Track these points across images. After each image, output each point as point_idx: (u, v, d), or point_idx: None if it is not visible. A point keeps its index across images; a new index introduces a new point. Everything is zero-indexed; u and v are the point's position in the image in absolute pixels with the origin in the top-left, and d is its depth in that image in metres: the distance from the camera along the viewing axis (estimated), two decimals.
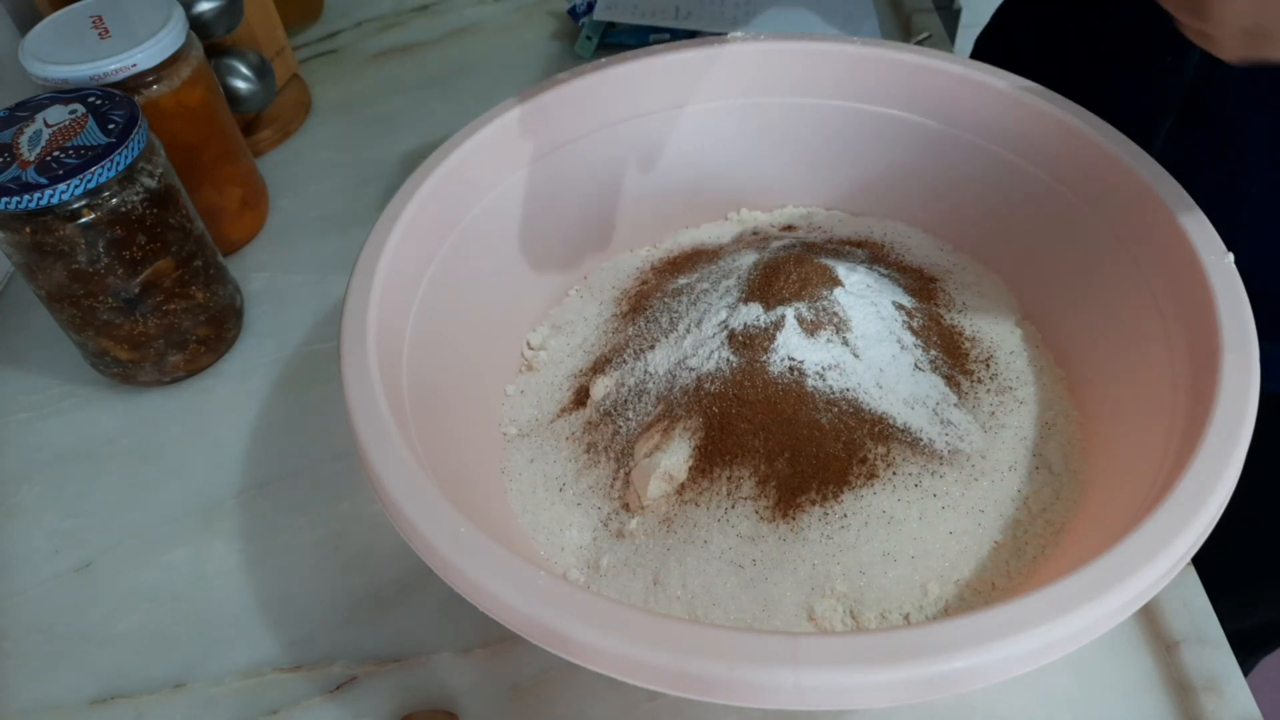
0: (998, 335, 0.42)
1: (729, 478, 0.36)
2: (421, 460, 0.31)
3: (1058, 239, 0.42)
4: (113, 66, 0.47)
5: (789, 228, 0.50)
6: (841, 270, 0.40)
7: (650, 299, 0.44)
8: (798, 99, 0.47)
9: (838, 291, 0.39)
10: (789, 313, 0.38)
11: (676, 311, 0.42)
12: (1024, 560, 0.35)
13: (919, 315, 0.41)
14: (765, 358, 0.38)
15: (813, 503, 0.35)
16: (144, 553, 0.44)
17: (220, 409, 0.50)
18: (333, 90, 0.72)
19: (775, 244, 0.45)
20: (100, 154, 0.42)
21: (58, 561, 0.44)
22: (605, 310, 0.46)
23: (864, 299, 0.39)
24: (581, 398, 0.42)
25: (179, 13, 0.50)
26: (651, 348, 0.41)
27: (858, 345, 0.38)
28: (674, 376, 0.39)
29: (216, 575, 0.43)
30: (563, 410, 0.42)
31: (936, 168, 0.47)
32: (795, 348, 0.37)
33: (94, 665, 0.40)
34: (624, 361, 0.41)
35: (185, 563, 0.44)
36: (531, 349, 0.46)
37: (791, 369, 0.37)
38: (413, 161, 0.41)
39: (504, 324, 0.45)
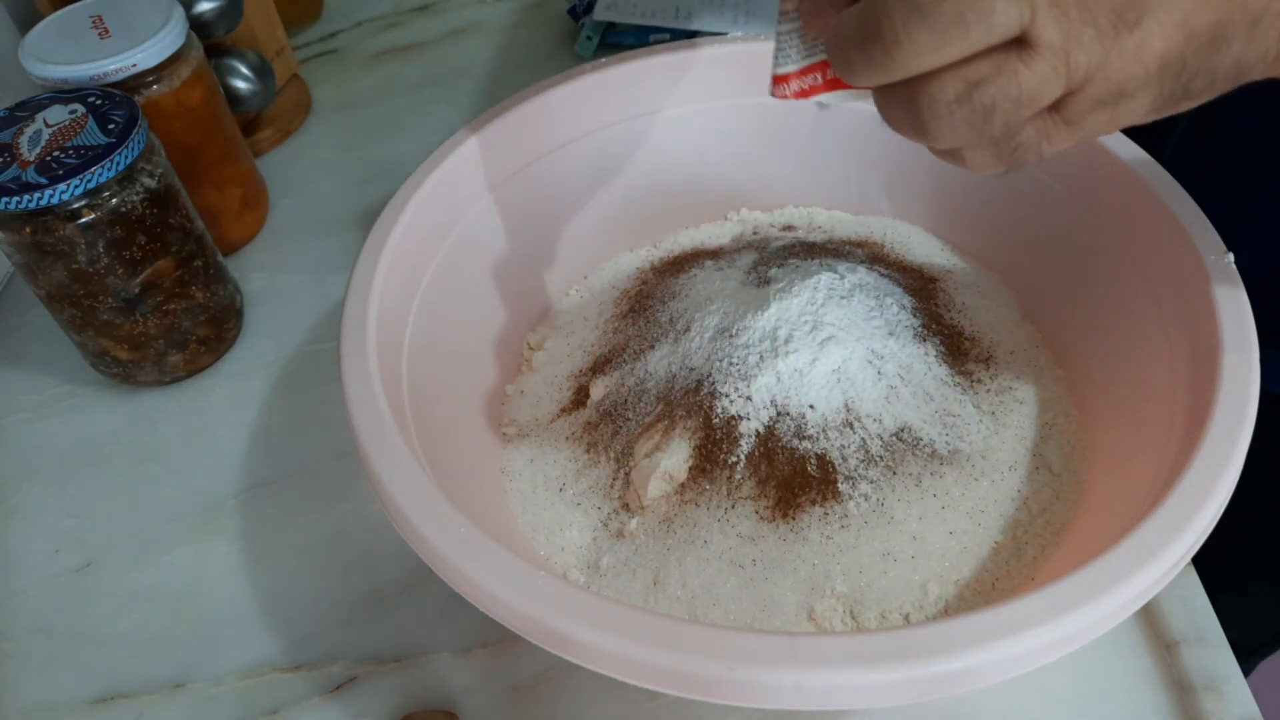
0: (998, 335, 0.42)
1: (729, 478, 0.36)
2: (421, 460, 0.31)
3: (1058, 239, 0.42)
4: (113, 66, 0.47)
5: (789, 228, 0.50)
6: (842, 269, 0.40)
7: (650, 299, 0.44)
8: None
9: (840, 290, 0.39)
10: (790, 312, 0.38)
11: (676, 311, 0.42)
12: (1024, 560, 0.35)
13: (919, 315, 0.41)
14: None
15: (813, 502, 0.35)
16: (144, 553, 0.44)
17: (220, 409, 0.50)
18: (333, 90, 0.72)
19: (775, 244, 0.45)
20: (100, 154, 0.42)
21: (58, 561, 0.44)
22: (605, 310, 0.46)
23: (866, 298, 0.39)
24: (581, 398, 0.42)
25: (179, 13, 0.50)
26: (651, 348, 0.41)
27: (858, 345, 0.38)
28: (674, 376, 0.39)
29: (216, 575, 0.43)
30: (563, 410, 0.42)
31: (936, 168, 0.46)
32: (796, 347, 0.37)
33: (94, 665, 0.40)
34: (624, 361, 0.41)
35: (185, 563, 0.44)
36: (531, 349, 0.46)
37: (793, 368, 0.37)
38: (413, 161, 0.41)
39: (504, 324, 0.45)
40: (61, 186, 0.41)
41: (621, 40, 0.72)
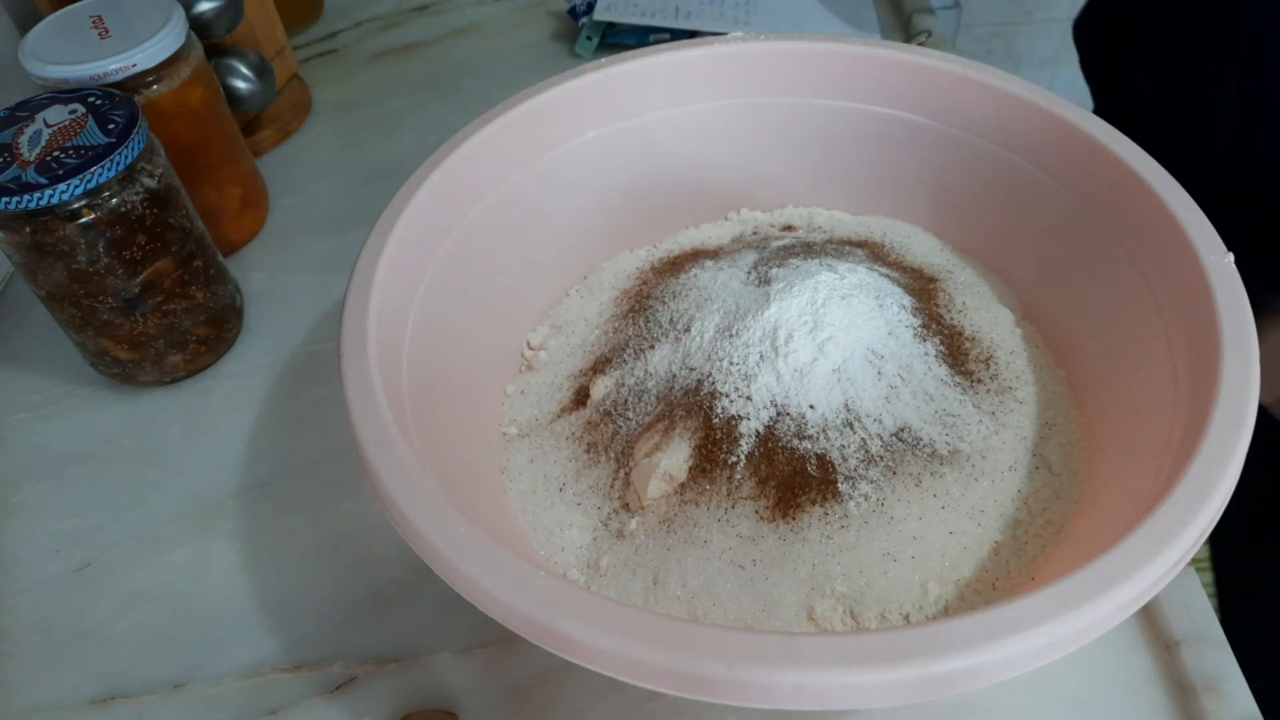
0: (998, 335, 0.42)
1: (729, 478, 0.36)
2: (421, 460, 0.31)
3: (1058, 239, 0.42)
4: (113, 66, 0.47)
5: (789, 228, 0.50)
6: (842, 269, 0.40)
7: (650, 299, 0.44)
8: (798, 99, 0.47)
9: (840, 290, 0.39)
10: (790, 312, 0.38)
11: (676, 311, 0.42)
12: (1024, 560, 0.35)
13: (919, 315, 0.41)
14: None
15: (813, 502, 0.35)
16: (144, 553, 0.44)
17: (220, 409, 0.50)
18: (333, 90, 0.72)
19: (775, 244, 0.45)
20: (100, 154, 0.42)
21: (58, 561, 0.44)
22: (605, 310, 0.46)
23: (866, 298, 0.39)
24: (581, 398, 0.42)
25: (179, 13, 0.50)
26: (651, 348, 0.41)
27: (858, 345, 0.38)
28: (674, 376, 0.39)
29: (216, 575, 0.43)
30: (563, 410, 0.42)
31: (936, 168, 0.47)
32: (796, 347, 0.37)
33: (94, 665, 0.40)
34: (624, 361, 0.41)
35: (185, 563, 0.44)
36: (531, 349, 0.46)
37: (793, 368, 0.37)
38: (413, 161, 0.41)
39: (504, 324, 0.45)
40: (61, 186, 0.41)
41: (621, 40, 0.72)
